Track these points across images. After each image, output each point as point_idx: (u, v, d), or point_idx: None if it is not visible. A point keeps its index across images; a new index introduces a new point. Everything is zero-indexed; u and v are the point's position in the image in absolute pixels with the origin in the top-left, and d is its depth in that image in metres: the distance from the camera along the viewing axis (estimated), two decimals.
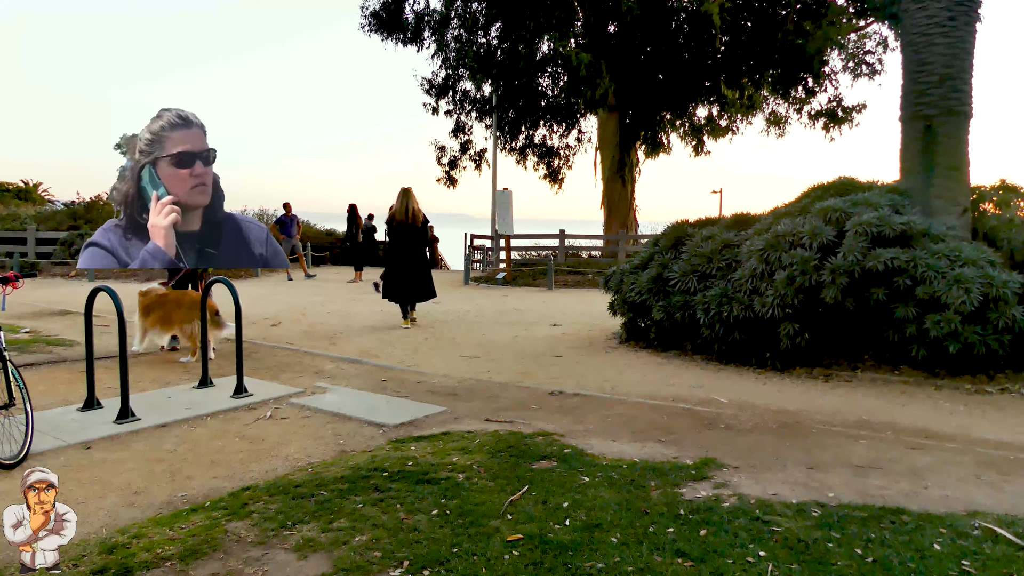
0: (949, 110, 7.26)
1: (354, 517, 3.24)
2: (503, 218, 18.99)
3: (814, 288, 6.54)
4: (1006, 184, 8.16)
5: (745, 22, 20.28)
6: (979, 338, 5.95)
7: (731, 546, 2.91)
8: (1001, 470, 3.98)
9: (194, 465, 4.14)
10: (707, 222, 8.92)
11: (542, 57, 22.74)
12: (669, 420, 5.16)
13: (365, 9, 22.45)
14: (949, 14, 7.21)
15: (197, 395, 5.81)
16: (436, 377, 6.73)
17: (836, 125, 22.91)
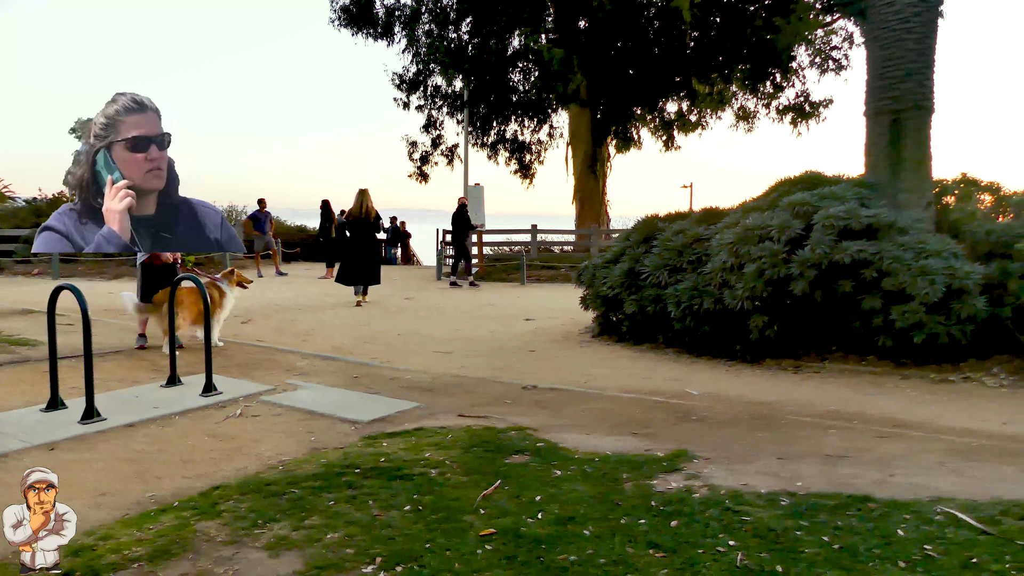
0: (915, 105, 7.38)
1: (327, 514, 3.22)
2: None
3: (783, 281, 6.62)
4: (967, 178, 8.34)
5: (715, 17, 20.44)
6: (943, 328, 6.07)
7: (703, 536, 2.94)
8: (965, 457, 4.07)
9: (163, 465, 4.09)
10: (678, 216, 8.99)
11: (513, 52, 22.73)
12: (642, 413, 5.20)
13: (335, 3, 22.27)
14: (914, 10, 7.33)
15: (165, 394, 5.73)
16: (410, 373, 6.70)
17: (803, 120, 23.19)
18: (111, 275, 17.43)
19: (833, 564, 2.68)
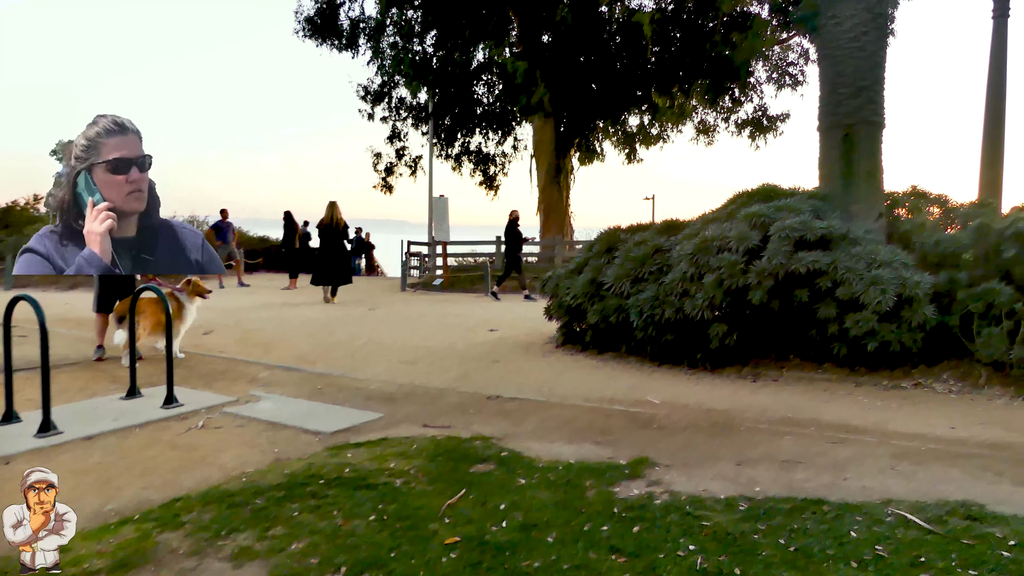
0: (865, 119, 7.62)
1: (291, 524, 3.22)
2: (440, 224, 19.01)
3: (741, 290, 6.77)
4: (917, 190, 8.61)
5: (675, 33, 20.81)
6: (895, 336, 6.25)
7: (663, 541, 3.00)
8: (914, 460, 4.21)
9: (123, 476, 4.04)
10: (639, 228, 9.12)
11: (478, 65, 22.88)
12: (605, 421, 5.27)
13: (299, 14, 22.21)
14: (864, 29, 7.58)
15: (125, 405, 5.65)
16: (374, 383, 6.70)
17: (761, 134, 23.69)
18: (67, 285, 17.07)
19: (789, 565, 2.77)
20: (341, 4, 22.15)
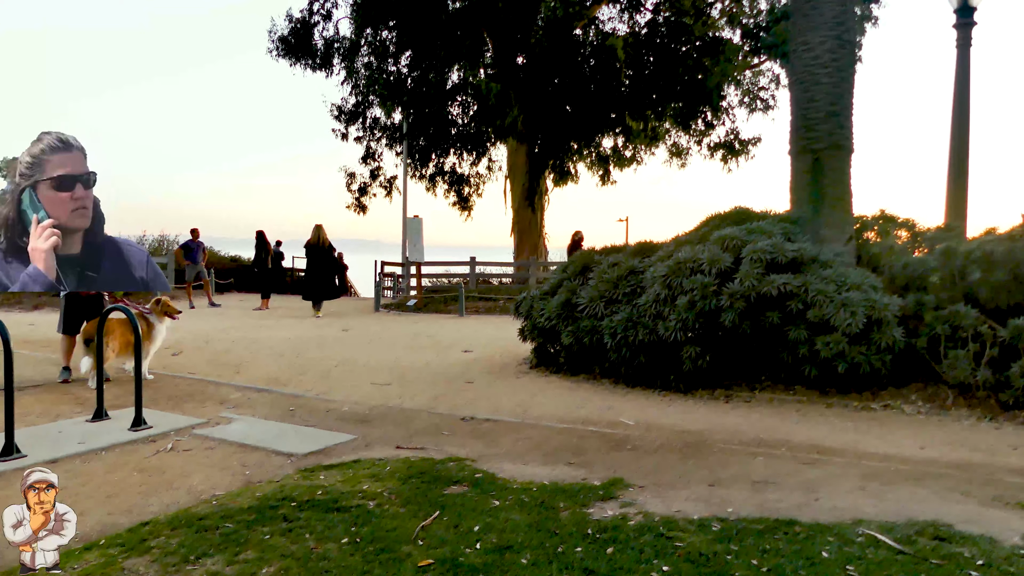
0: (834, 144, 7.78)
1: (261, 548, 3.17)
2: (414, 245, 18.98)
3: (714, 312, 6.83)
4: (885, 214, 8.78)
5: (648, 56, 21.11)
6: (864, 358, 6.34)
7: (637, 562, 3.00)
8: (884, 480, 4.26)
9: (88, 501, 3.96)
10: (613, 249, 9.18)
11: (452, 86, 23.00)
12: (579, 442, 5.27)
13: (273, 34, 22.20)
14: (832, 55, 7.75)
15: (91, 428, 5.54)
16: (347, 404, 6.64)
17: (733, 157, 24.06)
18: (29, 306, 16.75)
19: None
20: (315, 24, 22.21)
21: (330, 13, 22.26)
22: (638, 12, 21.72)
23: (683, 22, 20.38)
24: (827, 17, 7.77)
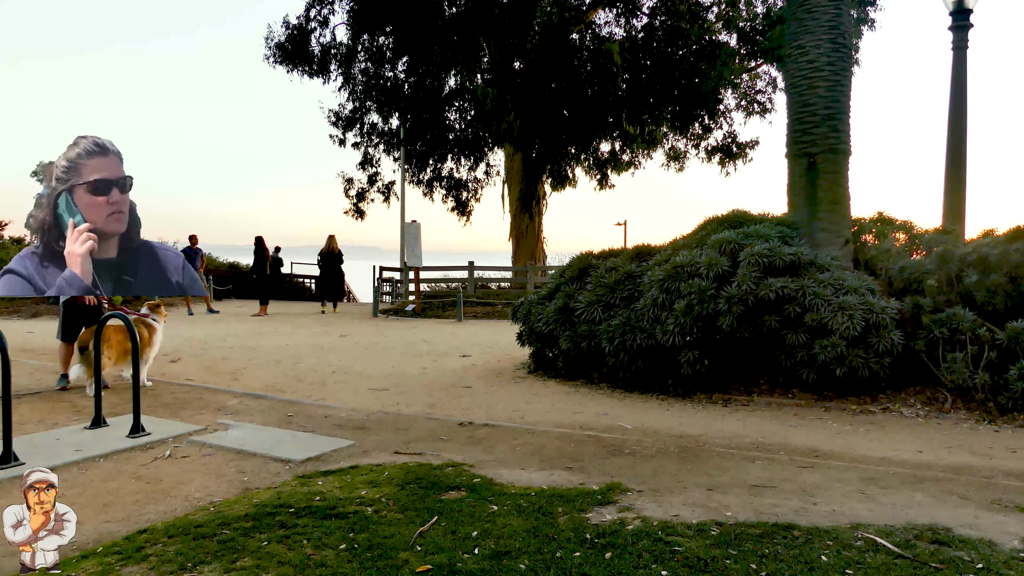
0: (830, 148, 7.78)
1: (259, 555, 3.16)
2: (412, 250, 18.97)
3: (712, 316, 6.83)
4: (883, 217, 8.79)
5: (645, 61, 21.15)
6: (862, 361, 6.34)
7: (635, 567, 3.00)
8: (882, 484, 4.25)
9: (85, 509, 3.95)
10: (610, 253, 9.18)
11: (449, 91, 23.02)
12: (576, 447, 5.26)
13: (269, 40, 22.23)
14: (828, 59, 7.77)
15: (89, 436, 5.53)
16: (344, 410, 6.63)
17: (731, 160, 24.06)
18: (28, 314, 16.73)
19: None
20: (312, 30, 22.25)
21: (327, 19, 22.31)
22: (634, 16, 21.80)
23: (679, 26, 20.43)
24: (822, 21, 7.79)
